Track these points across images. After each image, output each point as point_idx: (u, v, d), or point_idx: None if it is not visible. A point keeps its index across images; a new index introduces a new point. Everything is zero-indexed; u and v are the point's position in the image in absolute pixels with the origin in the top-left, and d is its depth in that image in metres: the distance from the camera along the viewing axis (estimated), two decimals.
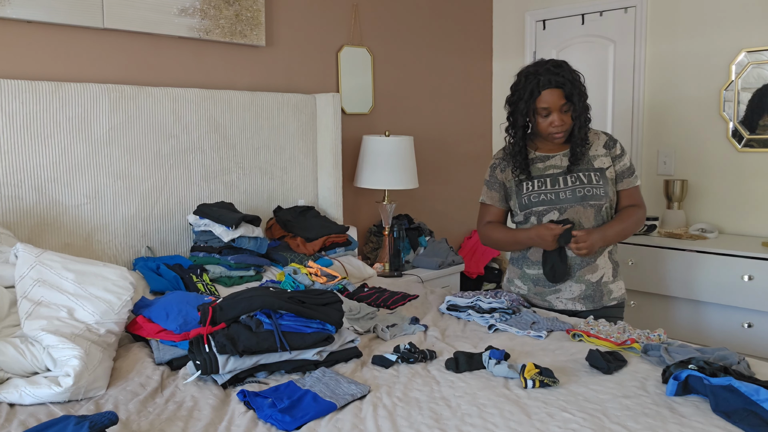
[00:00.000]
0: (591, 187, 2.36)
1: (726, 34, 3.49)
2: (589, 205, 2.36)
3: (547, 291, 2.44)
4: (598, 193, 2.35)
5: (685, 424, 1.52)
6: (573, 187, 2.36)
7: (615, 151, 2.43)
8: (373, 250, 3.64)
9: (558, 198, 2.37)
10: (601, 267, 2.41)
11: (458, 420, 1.57)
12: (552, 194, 2.37)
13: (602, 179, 2.37)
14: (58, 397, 1.65)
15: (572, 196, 2.36)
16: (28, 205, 2.41)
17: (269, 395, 1.66)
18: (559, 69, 2.29)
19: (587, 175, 2.37)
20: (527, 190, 2.41)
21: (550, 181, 2.39)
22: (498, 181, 2.51)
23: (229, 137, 2.98)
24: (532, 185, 2.40)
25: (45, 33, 2.51)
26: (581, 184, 2.36)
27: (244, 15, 3.04)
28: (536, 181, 2.40)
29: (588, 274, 2.40)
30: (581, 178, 2.37)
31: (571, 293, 2.41)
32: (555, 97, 2.28)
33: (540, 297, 2.47)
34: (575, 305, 2.42)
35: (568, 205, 2.36)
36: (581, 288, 2.40)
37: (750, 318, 3.12)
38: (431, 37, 4.07)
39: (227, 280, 2.57)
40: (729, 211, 3.57)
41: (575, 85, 2.29)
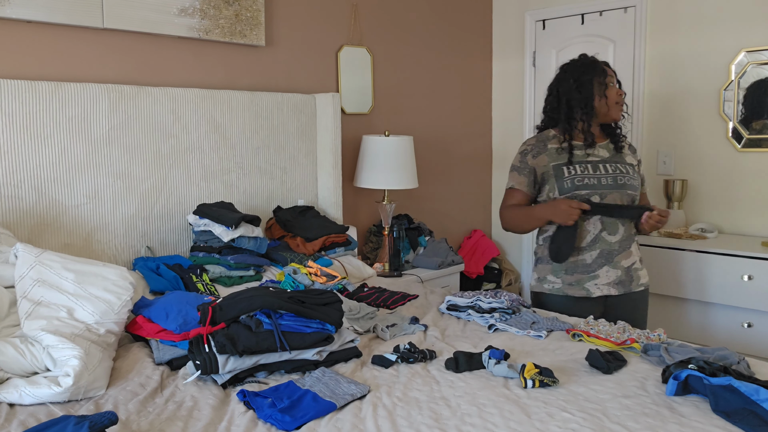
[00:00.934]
0: (629, 177, 2.48)
1: (726, 33, 3.49)
2: (627, 194, 2.45)
3: (585, 278, 2.47)
4: (634, 184, 2.48)
5: (684, 424, 1.52)
6: (614, 175, 2.46)
7: (637, 156, 2.62)
8: (372, 250, 3.64)
9: (600, 183, 2.43)
10: (634, 254, 2.52)
11: (458, 420, 1.57)
12: (594, 179, 2.44)
13: (636, 173, 2.52)
14: (58, 397, 1.65)
15: (613, 182, 2.44)
16: (28, 205, 2.41)
17: (269, 395, 1.66)
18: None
19: (624, 167, 2.49)
20: (570, 173, 2.45)
21: (591, 167, 2.46)
22: (529, 167, 2.53)
23: (228, 137, 2.98)
24: (574, 169, 2.45)
25: (45, 33, 2.51)
26: (621, 173, 2.47)
27: (244, 15, 3.04)
28: (578, 166, 2.46)
29: (623, 260, 2.47)
30: (620, 168, 2.48)
31: (608, 278, 2.46)
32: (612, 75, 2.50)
33: (578, 285, 2.48)
34: (610, 290, 2.47)
35: (608, 191, 2.43)
36: (617, 273, 2.47)
37: (750, 318, 3.12)
38: (431, 37, 4.07)
39: (227, 280, 2.57)
40: (729, 211, 3.57)
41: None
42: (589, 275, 2.47)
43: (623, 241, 2.47)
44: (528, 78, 4.35)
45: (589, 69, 2.47)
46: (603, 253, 2.45)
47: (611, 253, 2.45)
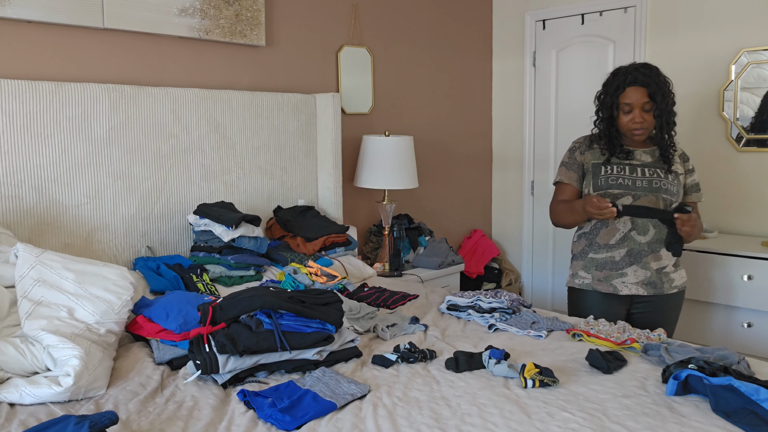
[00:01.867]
0: (667, 182, 2.45)
1: (726, 34, 3.49)
2: (662, 198, 2.43)
3: (613, 275, 2.47)
4: (672, 189, 2.44)
5: (685, 424, 1.52)
6: (650, 178, 2.45)
7: (688, 165, 2.57)
8: (373, 250, 3.64)
9: (633, 185, 2.44)
10: (665, 257, 2.47)
11: (458, 420, 1.57)
12: (629, 180, 2.45)
13: (677, 181, 2.48)
14: (59, 397, 1.65)
15: (648, 185, 2.44)
16: (28, 205, 2.41)
17: (269, 395, 1.66)
18: (647, 70, 2.43)
19: (664, 173, 2.47)
20: (605, 172, 2.48)
21: (629, 169, 2.48)
22: (577, 162, 2.58)
23: (229, 137, 2.98)
24: (611, 169, 2.48)
25: (45, 33, 2.51)
26: (658, 177, 2.45)
27: (244, 15, 3.04)
28: (616, 167, 2.48)
29: (653, 261, 2.46)
30: (659, 174, 2.46)
31: (636, 278, 2.46)
32: (638, 94, 2.41)
33: (606, 282, 2.49)
34: (638, 290, 2.46)
35: (642, 194, 2.43)
36: (646, 274, 2.45)
37: (750, 318, 3.12)
38: (431, 37, 4.07)
39: (227, 279, 2.57)
40: (729, 211, 3.57)
41: (660, 86, 2.41)
42: (617, 272, 2.47)
43: (653, 243, 2.44)
44: (528, 78, 4.35)
45: (610, 84, 2.48)
46: (632, 252, 2.45)
47: (640, 254, 2.44)
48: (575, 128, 4.16)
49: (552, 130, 4.28)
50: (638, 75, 2.42)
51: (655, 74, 2.44)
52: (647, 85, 2.41)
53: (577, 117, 4.14)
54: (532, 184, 4.41)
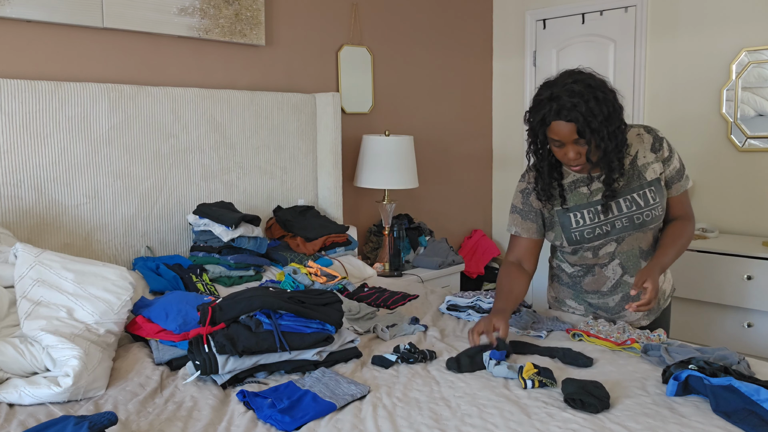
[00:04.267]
0: (649, 210, 2.04)
1: (726, 33, 3.49)
2: (649, 229, 2.09)
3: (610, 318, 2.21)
4: (656, 214, 2.05)
5: (685, 425, 1.52)
6: (629, 214, 2.04)
7: (663, 153, 2.08)
8: (373, 250, 3.64)
9: (614, 228, 2.06)
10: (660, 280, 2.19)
11: (458, 420, 1.56)
12: (608, 225, 2.06)
13: (658, 194, 2.05)
14: (58, 398, 1.65)
15: (630, 223, 2.05)
16: (28, 205, 2.41)
17: (269, 395, 1.66)
18: (575, 98, 1.86)
19: (642, 195, 2.04)
20: (577, 224, 2.07)
21: (602, 210, 2.04)
22: (534, 210, 2.14)
23: (228, 137, 2.98)
24: (582, 218, 2.06)
25: (45, 33, 2.51)
26: (638, 208, 2.04)
27: (244, 14, 3.03)
28: (586, 212, 2.06)
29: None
30: (636, 201, 2.04)
31: (636, 315, 2.19)
32: (567, 130, 1.89)
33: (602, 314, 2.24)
34: (642, 321, 2.23)
35: (626, 234, 2.07)
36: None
37: (750, 318, 3.12)
38: (431, 37, 4.07)
39: (227, 280, 2.57)
40: (729, 211, 3.57)
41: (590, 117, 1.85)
42: (615, 315, 2.21)
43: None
44: (528, 78, 4.35)
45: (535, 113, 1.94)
46: (626, 296, 2.16)
47: (637, 295, 2.11)
48: None
49: None
50: (562, 107, 1.86)
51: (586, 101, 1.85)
52: (575, 121, 1.86)
53: None
54: None
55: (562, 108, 1.86)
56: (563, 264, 2.25)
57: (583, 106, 1.85)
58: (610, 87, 1.94)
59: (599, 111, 1.86)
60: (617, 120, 1.92)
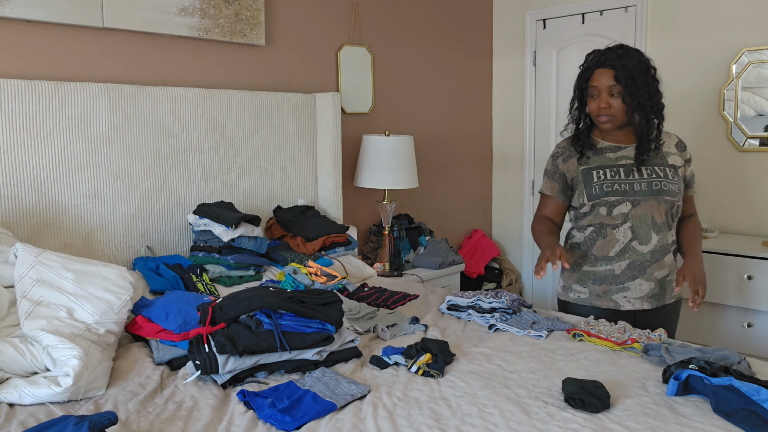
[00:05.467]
0: (667, 181, 2.23)
1: (726, 33, 3.49)
2: (664, 201, 2.23)
3: (614, 289, 2.28)
4: (673, 189, 2.23)
5: (685, 424, 1.52)
6: (649, 180, 2.22)
7: (686, 154, 2.33)
8: (373, 250, 3.64)
9: (632, 189, 2.22)
10: (668, 264, 2.29)
11: (458, 420, 1.56)
12: (626, 185, 2.22)
13: (676, 176, 2.25)
14: (58, 397, 1.65)
15: (648, 188, 2.21)
16: (28, 205, 2.41)
17: (269, 395, 1.66)
18: (621, 51, 2.19)
19: (662, 170, 2.24)
20: (598, 179, 2.25)
21: (624, 171, 2.24)
22: (559, 171, 2.36)
23: (228, 137, 2.98)
24: (604, 174, 2.25)
25: (45, 32, 2.51)
26: (657, 177, 2.22)
27: (244, 14, 3.03)
28: (609, 171, 2.25)
29: (657, 271, 2.26)
30: (657, 171, 2.23)
31: (641, 291, 2.27)
32: (605, 77, 2.19)
33: (605, 297, 2.30)
34: (642, 304, 2.28)
35: (642, 198, 2.22)
36: (650, 286, 2.26)
37: (750, 318, 3.12)
38: (431, 37, 4.07)
39: (227, 279, 2.57)
40: (729, 211, 3.57)
41: (630, 70, 2.15)
42: (618, 287, 2.28)
43: (656, 251, 2.24)
44: (528, 77, 4.35)
45: (580, 76, 2.29)
46: (633, 265, 2.24)
47: (643, 265, 2.24)
48: None
49: (552, 130, 4.27)
50: (608, 57, 2.19)
51: (630, 56, 2.17)
52: (615, 68, 2.17)
53: None
54: (532, 184, 4.40)
55: (607, 59, 2.20)
56: (577, 235, 2.38)
57: (627, 60, 2.17)
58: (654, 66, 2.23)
59: (641, 68, 2.18)
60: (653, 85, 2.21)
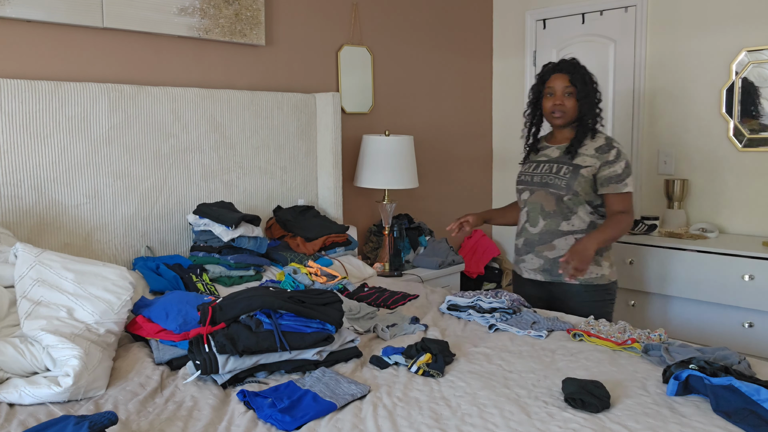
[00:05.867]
0: (555, 177, 2.62)
1: (726, 33, 3.49)
2: (550, 193, 2.62)
3: (518, 259, 2.78)
4: (560, 184, 2.60)
5: (685, 424, 1.52)
6: (541, 174, 2.67)
7: (606, 156, 2.58)
8: (373, 250, 3.64)
9: (531, 181, 2.70)
10: (560, 247, 2.61)
11: (458, 420, 1.56)
12: (529, 176, 2.72)
13: (571, 174, 2.59)
14: (58, 397, 1.65)
15: (539, 181, 2.67)
16: (28, 205, 2.41)
17: (269, 395, 1.66)
18: (575, 62, 2.65)
19: (559, 167, 2.63)
20: (523, 170, 2.79)
21: (534, 165, 2.73)
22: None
23: (228, 137, 2.98)
24: (525, 167, 2.78)
25: (45, 32, 2.51)
26: (549, 173, 2.65)
27: (244, 14, 3.03)
28: (528, 165, 2.77)
29: (546, 251, 2.65)
30: (553, 169, 2.65)
31: (533, 265, 2.70)
32: (560, 80, 2.61)
33: (516, 265, 2.82)
34: (536, 275, 2.70)
35: (536, 188, 2.67)
36: (540, 262, 2.67)
37: (750, 318, 3.12)
38: (431, 37, 4.07)
39: (227, 279, 2.57)
40: (729, 211, 3.57)
41: (581, 76, 2.60)
42: (520, 257, 2.76)
43: (544, 233, 2.63)
44: (528, 77, 4.34)
45: (537, 80, 2.71)
46: (527, 242, 2.70)
47: (532, 243, 2.68)
48: None
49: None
50: (563, 65, 2.64)
51: (580, 67, 2.63)
52: (570, 73, 2.60)
53: None
54: None
55: (563, 66, 2.64)
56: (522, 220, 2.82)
57: (577, 69, 2.61)
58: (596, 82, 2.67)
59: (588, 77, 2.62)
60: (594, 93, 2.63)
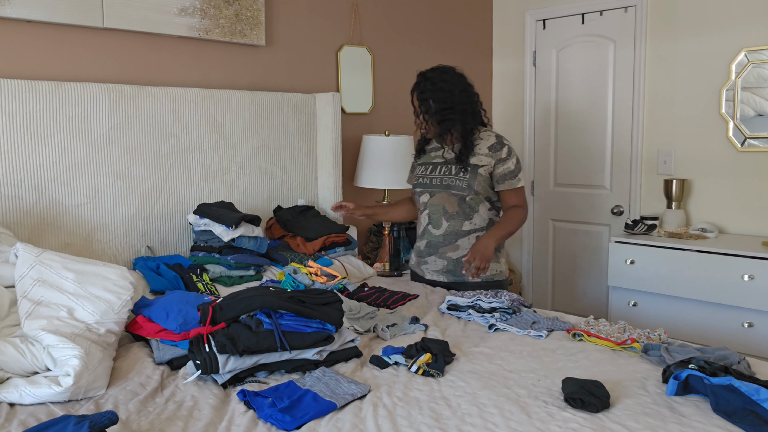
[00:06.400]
0: (456, 179, 2.69)
1: (726, 33, 3.49)
2: (452, 194, 2.70)
3: (420, 261, 2.83)
4: (461, 185, 2.68)
5: (685, 424, 1.52)
6: (441, 176, 2.74)
7: (500, 154, 2.70)
8: (373, 250, 3.64)
9: (431, 183, 2.77)
10: (464, 247, 2.71)
11: (458, 420, 1.57)
12: (428, 179, 2.78)
13: (470, 174, 2.68)
14: (58, 397, 1.65)
15: (439, 183, 2.73)
16: (28, 205, 2.41)
17: (269, 395, 1.66)
18: (431, 74, 2.68)
19: (457, 168, 2.70)
20: (417, 172, 2.85)
21: (431, 168, 2.80)
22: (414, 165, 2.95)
23: (228, 137, 2.98)
24: (420, 169, 2.84)
25: (45, 33, 2.51)
26: (448, 175, 2.72)
27: (244, 14, 3.03)
28: (423, 167, 2.83)
29: (449, 252, 2.73)
30: (451, 170, 2.72)
31: (436, 266, 2.77)
32: (415, 99, 2.71)
33: (417, 266, 2.87)
34: (439, 277, 2.78)
35: (437, 191, 2.74)
36: (444, 263, 2.75)
37: (750, 318, 3.12)
38: (431, 37, 4.07)
39: (227, 279, 2.57)
40: (729, 211, 3.57)
41: (431, 92, 2.64)
42: (423, 260, 2.81)
43: (448, 234, 2.71)
44: (528, 78, 4.35)
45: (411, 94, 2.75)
46: (430, 244, 2.77)
47: (436, 245, 2.75)
48: (575, 128, 4.17)
49: (552, 130, 4.27)
50: (418, 82, 2.70)
51: (432, 81, 2.65)
52: (420, 92, 2.68)
53: (577, 117, 4.14)
54: (532, 184, 4.40)
55: (417, 83, 2.70)
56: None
57: (430, 83, 2.65)
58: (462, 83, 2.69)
59: (443, 86, 2.64)
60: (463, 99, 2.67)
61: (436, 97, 2.64)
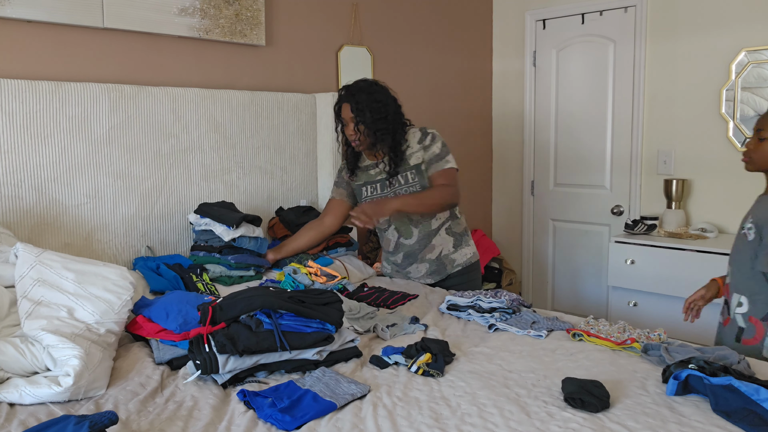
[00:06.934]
0: (408, 187, 2.72)
1: (726, 33, 3.49)
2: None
3: (403, 272, 2.87)
4: (415, 189, 2.71)
5: (685, 424, 1.52)
6: (395, 189, 2.73)
7: (425, 142, 2.75)
8: (373, 250, 3.64)
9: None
10: (438, 244, 2.79)
11: (458, 420, 1.57)
12: (382, 197, 2.75)
13: (418, 175, 2.72)
14: (58, 397, 1.65)
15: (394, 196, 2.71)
16: (28, 205, 2.41)
17: (269, 395, 1.66)
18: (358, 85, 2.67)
19: (405, 176, 2.72)
20: (366, 194, 2.80)
21: (380, 186, 2.77)
22: (345, 181, 2.88)
23: (229, 137, 2.98)
24: (368, 191, 2.80)
25: (45, 33, 2.51)
26: (400, 185, 2.72)
27: (244, 15, 3.03)
28: (370, 187, 2.79)
29: (428, 254, 2.79)
30: (400, 180, 2.73)
31: (419, 272, 2.83)
32: (346, 110, 2.66)
33: (400, 275, 2.90)
34: (426, 279, 2.83)
35: None
36: (426, 266, 2.81)
37: None
38: (431, 37, 4.07)
39: (227, 279, 2.57)
40: (729, 211, 3.57)
41: (362, 103, 2.61)
42: (404, 271, 2.86)
43: (422, 239, 2.77)
44: (528, 78, 4.35)
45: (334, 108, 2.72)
46: (407, 254, 2.82)
47: (414, 253, 2.80)
48: (575, 128, 4.17)
49: (552, 130, 4.28)
50: (346, 92, 2.66)
51: (360, 90, 2.63)
52: (350, 102, 2.63)
53: (577, 117, 4.15)
54: (532, 184, 4.41)
55: (346, 94, 2.66)
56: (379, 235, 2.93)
57: (359, 95, 2.62)
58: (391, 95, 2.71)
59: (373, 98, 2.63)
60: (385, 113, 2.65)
61: (373, 107, 2.62)
